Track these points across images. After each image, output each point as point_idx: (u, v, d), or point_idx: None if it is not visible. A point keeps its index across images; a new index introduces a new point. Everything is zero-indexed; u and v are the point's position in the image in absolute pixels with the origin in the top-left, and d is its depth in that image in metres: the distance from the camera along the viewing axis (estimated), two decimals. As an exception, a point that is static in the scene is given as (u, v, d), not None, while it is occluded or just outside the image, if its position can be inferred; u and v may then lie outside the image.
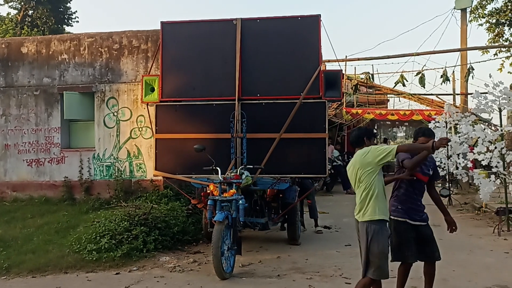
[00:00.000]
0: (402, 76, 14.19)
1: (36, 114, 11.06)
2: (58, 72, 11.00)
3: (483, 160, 8.75)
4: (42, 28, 26.04)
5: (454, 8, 15.37)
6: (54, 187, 10.81)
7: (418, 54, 12.86)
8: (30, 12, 27.22)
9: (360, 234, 4.15)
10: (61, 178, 10.79)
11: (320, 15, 7.32)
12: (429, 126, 12.51)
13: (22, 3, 27.07)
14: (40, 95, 11.05)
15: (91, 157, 10.76)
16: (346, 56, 15.50)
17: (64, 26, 28.03)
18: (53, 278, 6.10)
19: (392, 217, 4.48)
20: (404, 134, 24.95)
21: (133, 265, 6.48)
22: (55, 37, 11.56)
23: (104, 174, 10.68)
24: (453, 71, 16.52)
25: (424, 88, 14.58)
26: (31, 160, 11.01)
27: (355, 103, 19.65)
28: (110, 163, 10.65)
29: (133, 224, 7.18)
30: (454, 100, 17.75)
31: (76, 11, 28.90)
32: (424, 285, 4.62)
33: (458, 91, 16.67)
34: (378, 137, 34.10)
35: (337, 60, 9.97)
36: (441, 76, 13.89)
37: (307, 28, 7.40)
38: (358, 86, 17.86)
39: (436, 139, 4.11)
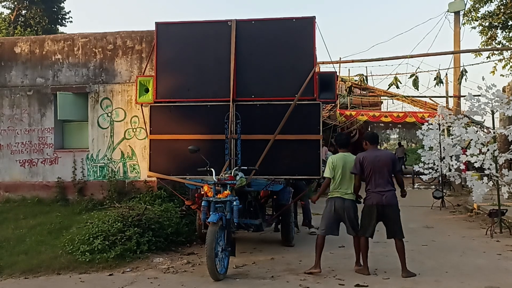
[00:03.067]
0: (396, 78, 14.25)
1: (29, 114, 11.00)
2: (51, 72, 10.95)
3: (475, 162, 8.81)
4: (36, 28, 25.90)
5: (448, 11, 15.46)
6: (47, 188, 10.75)
7: (411, 57, 12.92)
8: (24, 12, 27.08)
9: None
10: (54, 178, 10.74)
11: (314, 17, 7.34)
12: (423, 128, 12.60)
13: (15, 3, 26.91)
14: (33, 95, 10.99)
15: (84, 158, 10.71)
16: (340, 58, 15.55)
17: (57, 26, 27.92)
18: (46, 279, 6.07)
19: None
20: (397, 136, 25.05)
21: (127, 266, 6.45)
22: (49, 37, 11.51)
23: (98, 174, 10.63)
24: (446, 74, 16.72)
25: (418, 90, 14.66)
26: (24, 161, 10.95)
27: (349, 105, 19.73)
28: (103, 164, 10.60)
29: (126, 225, 7.15)
30: (447, 102, 17.89)
31: (69, 11, 28.77)
32: None
33: (451, 93, 16.80)
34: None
35: (332, 62, 10.02)
36: (435, 79, 13.96)
37: (301, 30, 7.40)
38: (352, 88, 17.94)
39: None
